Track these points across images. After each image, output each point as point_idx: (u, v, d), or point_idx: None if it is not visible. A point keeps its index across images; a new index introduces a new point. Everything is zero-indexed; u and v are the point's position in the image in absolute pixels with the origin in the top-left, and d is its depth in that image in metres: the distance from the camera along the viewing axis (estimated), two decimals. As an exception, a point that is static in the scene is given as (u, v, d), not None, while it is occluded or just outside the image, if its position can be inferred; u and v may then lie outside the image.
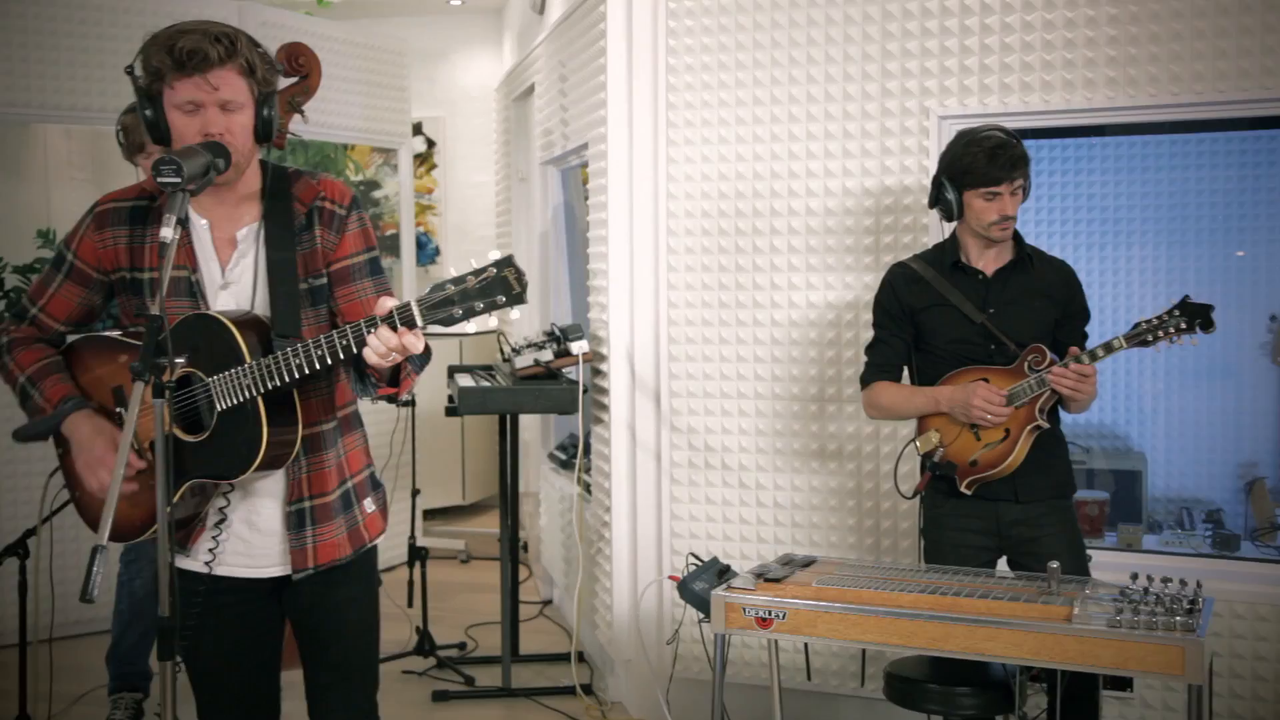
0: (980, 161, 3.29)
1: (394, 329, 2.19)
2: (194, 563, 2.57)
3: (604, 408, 4.64)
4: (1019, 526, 3.39)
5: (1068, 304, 3.46)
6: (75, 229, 2.59)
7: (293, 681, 2.73)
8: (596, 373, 4.71)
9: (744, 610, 2.91)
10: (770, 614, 2.88)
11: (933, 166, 3.99)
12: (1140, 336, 3.21)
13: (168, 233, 2.22)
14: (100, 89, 5.52)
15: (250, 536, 2.56)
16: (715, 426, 4.35)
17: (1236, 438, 5.05)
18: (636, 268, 4.43)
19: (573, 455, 5.89)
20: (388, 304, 2.20)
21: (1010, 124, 3.87)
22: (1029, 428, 3.32)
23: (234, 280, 2.51)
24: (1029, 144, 3.44)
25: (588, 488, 4.99)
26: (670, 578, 3.64)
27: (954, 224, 3.52)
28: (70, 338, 2.67)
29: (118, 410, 2.55)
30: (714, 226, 4.31)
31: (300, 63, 4.51)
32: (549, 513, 5.95)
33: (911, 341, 3.54)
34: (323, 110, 6.28)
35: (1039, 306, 3.42)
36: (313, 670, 2.66)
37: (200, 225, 2.52)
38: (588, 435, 4.83)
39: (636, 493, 4.49)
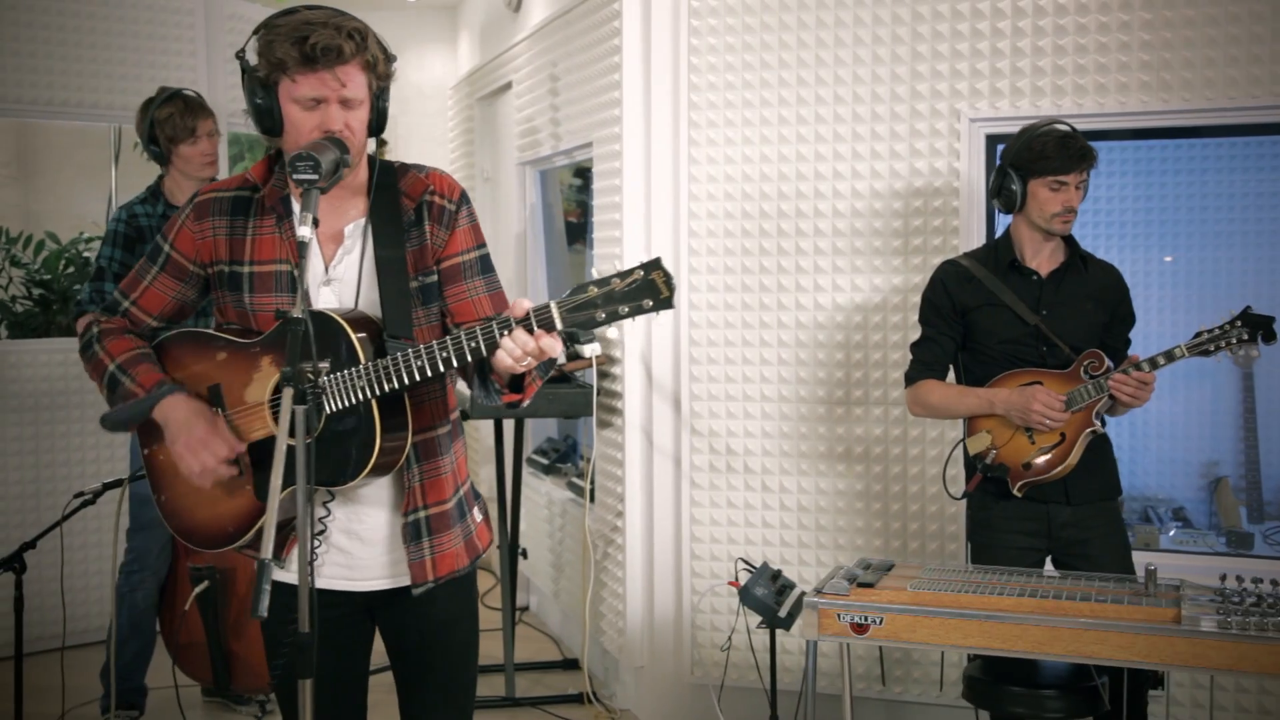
0: (1051, 148, 3.30)
1: (530, 332, 2.10)
2: (288, 574, 2.44)
3: (615, 411, 4.56)
4: (1069, 528, 3.41)
5: (1116, 308, 3.49)
6: (174, 220, 2.46)
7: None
8: (604, 375, 4.63)
9: (838, 616, 2.87)
10: (866, 619, 2.84)
11: (963, 169, 4.01)
12: (1202, 346, 3.24)
13: (305, 231, 2.13)
14: (19, 79, 5.28)
15: (351, 547, 2.43)
16: (737, 429, 4.30)
17: (1199, 436, 5.17)
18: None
19: (555, 460, 5.79)
20: (524, 305, 2.11)
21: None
22: (1086, 432, 3.34)
23: (337, 277, 2.40)
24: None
25: (581, 492, 4.90)
26: (730, 584, 3.58)
27: (1009, 220, 3.53)
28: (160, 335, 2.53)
29: (214, 410, 2.41)
30: (737, 227, 4.27)
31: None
32: (529, 518, 5.84)
33: (959, 340, 3.54)
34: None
35: (1090, 310, 3.45)
36: (414, 690, 2.54)
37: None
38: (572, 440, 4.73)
39: (653, 497, 4.42)
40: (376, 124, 2.39)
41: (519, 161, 5.97)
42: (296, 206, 2.40)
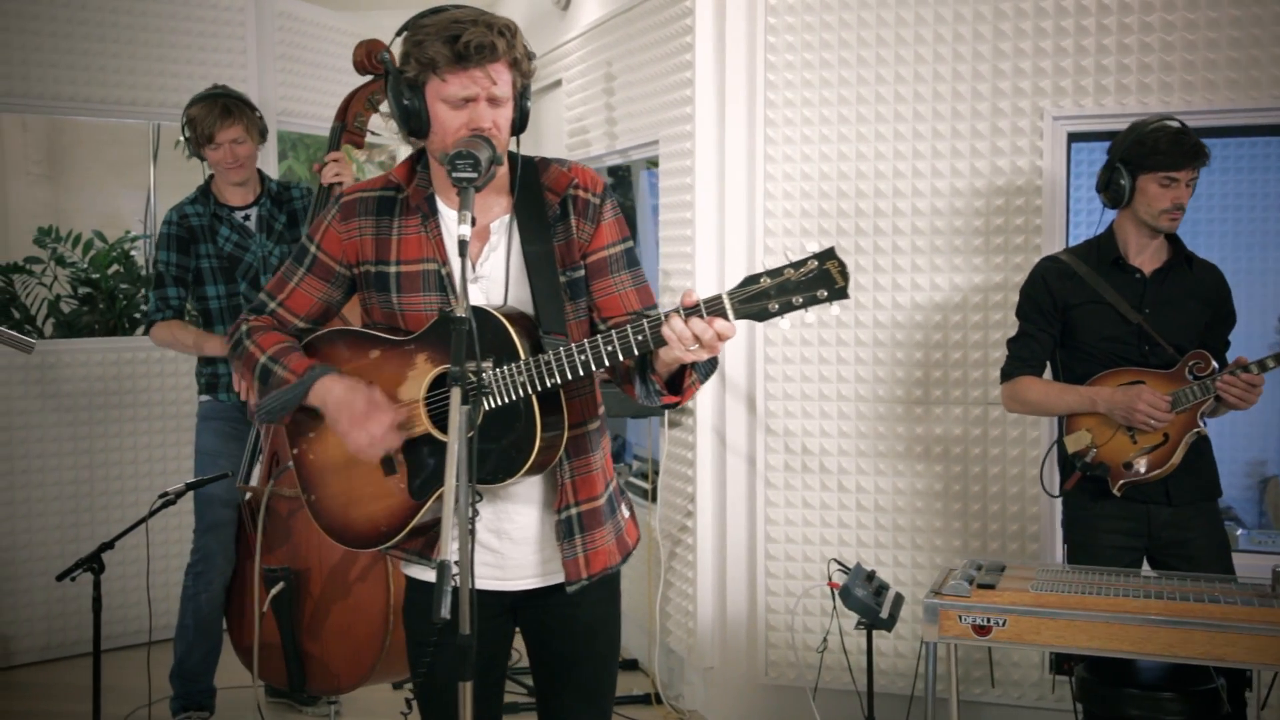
0: (1164, 144, 3.28)
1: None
2: (432, 574, 2.41)
3: (685, 411, 4.53)
4: (1169, 528, 3.39)
5: (1219, 308, 3.47)
6: (319, 221, 2.44)
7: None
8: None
9: (960, 618, 2.85)
10: (989, 621, 2.82)
11: (1046, 168, 3.99)
12: None
13: (466, 230, 2.11)
14: (58, 76, 5.23)
15: (500, 546, 2.40)
16: (813, 429, 4.28)
17: (1246, 435, 5.16)
18: (728, 266, 4.33)
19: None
20: (694, 296, 2.09)
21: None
22: (1189, 434, 3.32)
23: (485, 274, 2.37)
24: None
25: (638, 492, 4.88)
26: (830, 585, 3.55)
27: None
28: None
29: (369, 383, 2.38)
30: (814, 226, 4.24)
31: (380, 60, 4.35)
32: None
33: (1057, 337, 3.51)
34: (324, 104, 6.06)
35: (1194, 309, 3.42)
36: (554, 691, 2.51)
37: (449, 216, 2.39)
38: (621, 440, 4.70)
39: (726, 497, 4.39)
40: (519, 122, 2.36)
41: (569, 159, 5.92)
42: (441, 205, 2.39)
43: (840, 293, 2.04)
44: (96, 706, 3.80)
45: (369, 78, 4.28)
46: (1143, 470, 3.33)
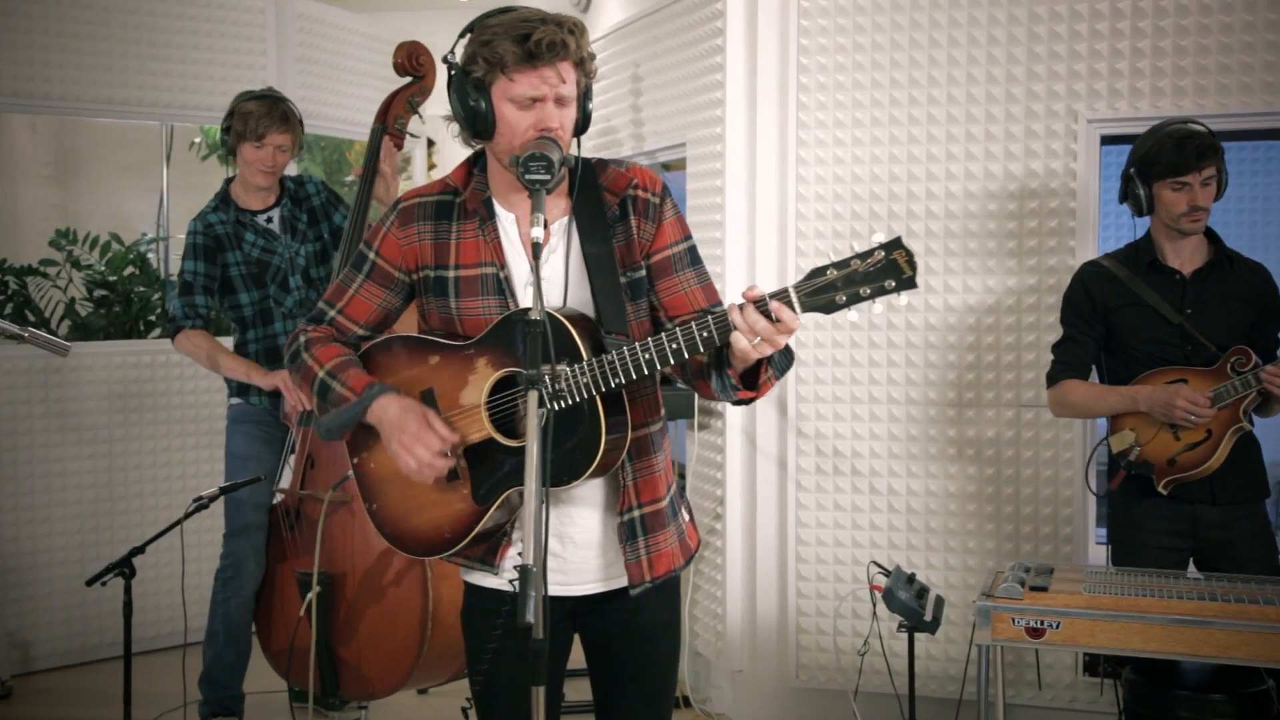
0: (1168, 151, 3.30)
1: (768, 316, 2.05)
2: (499, 580, 2.41)
3: (713, 414, 4.53)
4: (1215, 529, 3.40)
5: (1265, 307, 3.47)
6: (377, 227, 2.42)
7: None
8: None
9: (1013, 620, 2.85)
10: (1043, 624, 2.82)
11: (1080, 170, 4.00)
12: None
13: (538, 232, 2.10)
14: (66, 76, 5.20)
15: (563, 551, 2.39)
16: (845, 431, 4.28)
17: (1265, 438, 5.17)
18: (759, 266, 4.33)
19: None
20: (758, 290, 2.08)
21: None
22: (1233, 429, 3.33)
23: (544, 276, 2.34)
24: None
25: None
26: (873, 588, 3.55)
27: (1147, 222, 3.52)
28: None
29: (426, 407, 2.37)
30: (846, 228, 4.24)
31: (420, 62, 4.35)
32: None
33: (1100, 341, 3.52)
34: (342, 106, 6.06)
35: (1236, 309, 3.43)
36: (617, 697, 2.50)
37: (507, 220, 2.37)
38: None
39: (756, 499, 4.39)
40: (582, 124, 2.35)
41: (589, 162, 5.92)
42: (499, 208, 2.38)
43: (909, 282, 2.02)
44: (127, 711, 3.78)
45: (408, 79, 4.27)
46: (1187, 465, 3.34)
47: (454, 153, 7.98)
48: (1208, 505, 3.39)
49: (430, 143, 7.78)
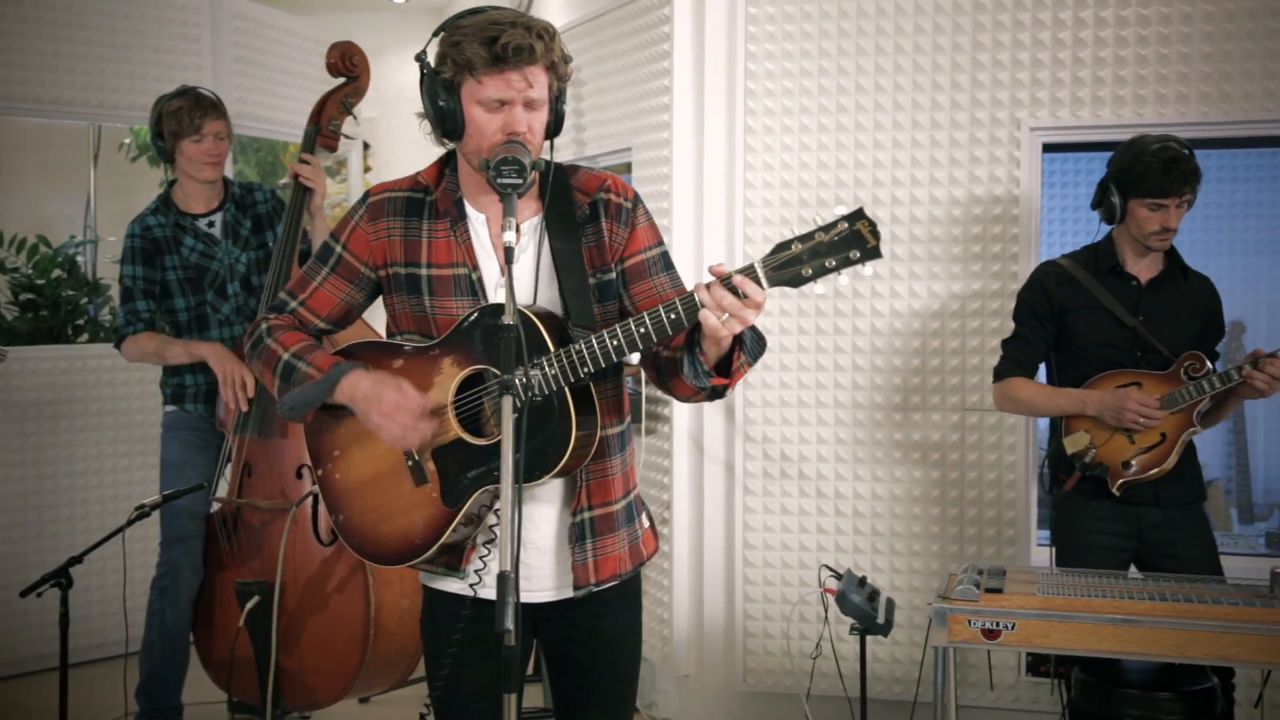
0: (1154, 172, 3.34)
1: (734, 293, 2.06)
2: (460, 585, 2.38)
3: (660, 418, 4.52)
4: (1159, 529, 3.46)
5: (1209, 319, 3.54)
6: (345, 220, 2.39)
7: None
8: (650, 382, 4.59)
9: (969, 622, 2.87)
10: (999, 625, 2.85)
11: (1022, 178, 4.05)
12: None
13: (510, 236, 2.09)
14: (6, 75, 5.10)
15: (525, 556, 2.36)
16: (793, 436, 4.29)
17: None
18: (705, 275, 4.32)
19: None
20: (724, 268, 2.09)
21: (1102, 137, 3.98)
22: (1186, 433, 3.39)
23: (514, 275, 2.33)
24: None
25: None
26: (825, 591, 3.56)
27: (1095, 226, 3.58)
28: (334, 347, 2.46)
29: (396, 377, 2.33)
30: (793, 234, 4.24)
31: (354, 62, 4.29)
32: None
33: (1051, 340, 3.57)
34: (277, 107, 5.97)
35: (1186, 318, 3.50)
36: (576, 703, 2.48)
37: (478, 220, 2.36)
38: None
39: (703, 504, 4.39)
40: (554, 126, 2.34)
41: (529, 166, 5.89)
42: (470, 209, 2.36)
43: (873, 252, 2.03)
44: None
45: (342, 79, 4.21)
46: (1141, 468, 3.39)
47: (391, 156, 7.92)
48: (1151, 507, 3.45)
49: (365, 145, 7.71)
